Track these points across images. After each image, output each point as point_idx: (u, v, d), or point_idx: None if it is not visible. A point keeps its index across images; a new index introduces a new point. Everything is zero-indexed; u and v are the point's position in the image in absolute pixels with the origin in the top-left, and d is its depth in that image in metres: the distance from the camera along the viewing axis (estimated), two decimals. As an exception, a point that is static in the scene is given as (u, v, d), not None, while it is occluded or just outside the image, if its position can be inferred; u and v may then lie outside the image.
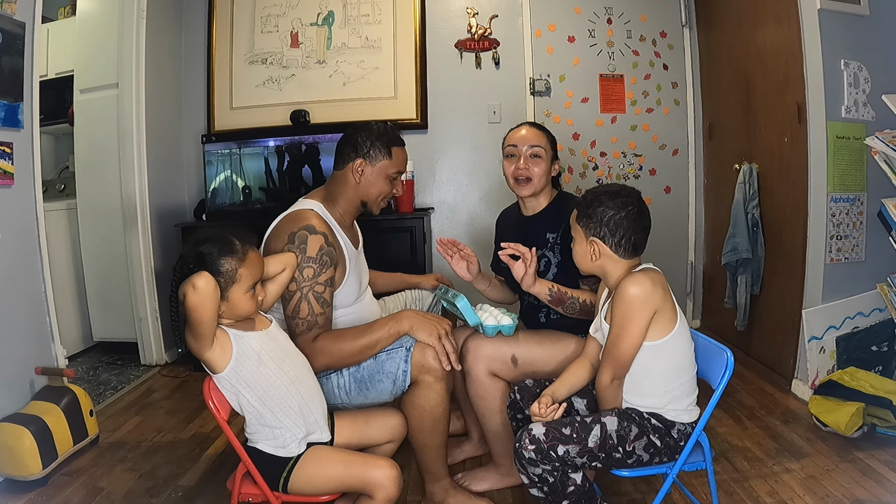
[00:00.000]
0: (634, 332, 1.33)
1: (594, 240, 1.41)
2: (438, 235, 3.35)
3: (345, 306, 1.71)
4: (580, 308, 1.67)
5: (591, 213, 1.41)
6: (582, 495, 1.35)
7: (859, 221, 2.38)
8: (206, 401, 1.33)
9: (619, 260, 1.41)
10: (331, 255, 1.57)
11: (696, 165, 3.43)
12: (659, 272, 1.39)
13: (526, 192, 1.83)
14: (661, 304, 1.34)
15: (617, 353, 1.35)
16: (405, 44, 3.29)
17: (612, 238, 1.39)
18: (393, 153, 1.71)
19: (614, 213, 1.39)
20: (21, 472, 1.87)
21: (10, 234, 2.06)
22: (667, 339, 1.36)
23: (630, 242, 1.40)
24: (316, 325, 1.54)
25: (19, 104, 2.08)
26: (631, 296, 1.32)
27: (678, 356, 1.38)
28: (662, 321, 1.35)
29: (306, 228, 1.55)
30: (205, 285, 1.23)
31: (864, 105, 2.33)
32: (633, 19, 3.34)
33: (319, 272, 1.54)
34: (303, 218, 1.58)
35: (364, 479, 1.34)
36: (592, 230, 1.41)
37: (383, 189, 1.72)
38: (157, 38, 3.10)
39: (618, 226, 1.39)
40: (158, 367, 3.07)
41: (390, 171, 1.72)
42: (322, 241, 1.55)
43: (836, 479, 1.78)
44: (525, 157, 1.81)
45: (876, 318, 2.40)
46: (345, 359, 1.55)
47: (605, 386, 1.39)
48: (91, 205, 3.20)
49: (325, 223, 1.62)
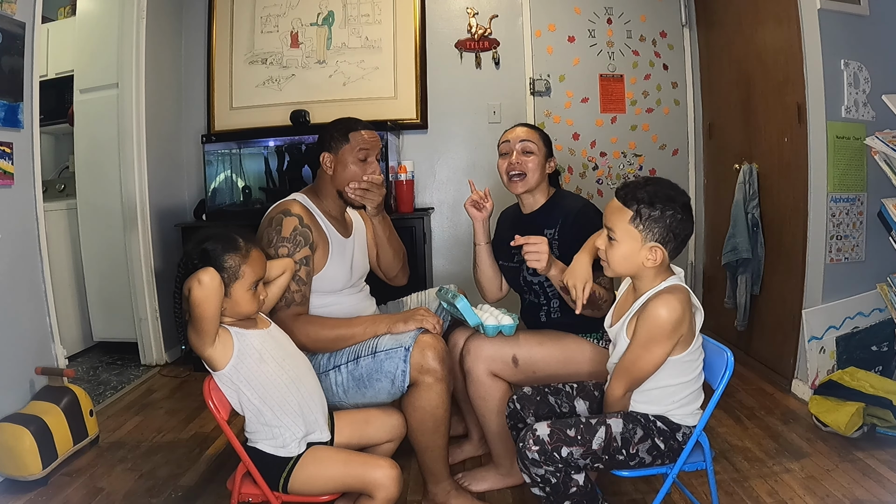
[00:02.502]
0: (659, 355, 1.29)
1: (657, 246, 1.28)
2: (438, 235, 3.36)
3: (333, 291, 1.73)
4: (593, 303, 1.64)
5: (657, 217, 1.27)
6: (584, 496, 1.34)
7: (859, 221, 2.38)
8: (206, 401, 1.33)
9: (665, 263, 1.31)
10: (305, 235, 1.64)
11: (696, 165, 3.43)
12: (686, 290, 1.32)
13: (520, 189, 1.82)
14: (687, 327, 1.30)
15: (635, 370, 1.32)
16: (405, 44, 3.29)
17: (674, 242, 1.28)
18: (351, 137, 1.76)
19: (682, 217, 1.27)
20: (21, 472, 1.87)
21: (10, 234, 2.05)
22: (684, 356, 1.33)
23: (682, 246, 1.31)
24: (294, 303, 1.60)
25: (19, 104, 2.07)
26: (662, 321, 1.25)
27: (692, 371, 1.37)
28: (683, 339, 1.32)
29: (282, 212, 1.66)
30: (210, 280, 1.25)
31: (864, 105, 2.33)
32: (633, 19, 3.34)
33: (294, 251, 1.61)
34: (281, 205, 1.70)
35: (364, 478, 1.34)
36: (658, 235, 1.27)
37: (354, 173, 1.75)
38: (157, 38, 3.10)
39: (682, 229, 1.28)
40: (158, 367, 3.07)
41: (354, 154, 1.75)
42: (296, 223, 1.64)
43: (836, 479, 1.78)
44: (517, 152, 1.81)
45: (876, 318, 2.40)
46: (319, 343, 1.61)
47: (616, 398, 1.37)
48: (91, 205, 3.20)
49: (305, 209, 1.71)
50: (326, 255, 1.72)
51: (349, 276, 1.80)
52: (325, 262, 1.72)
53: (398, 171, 3.05)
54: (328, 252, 1.73)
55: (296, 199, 1.74)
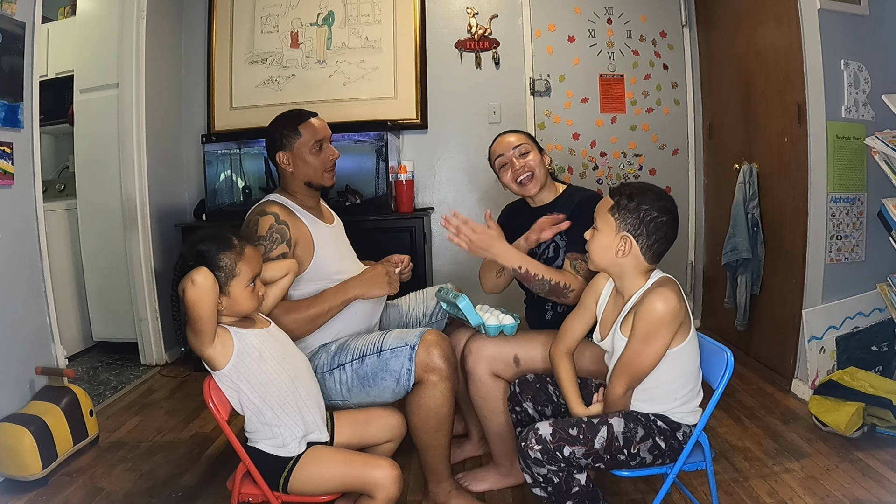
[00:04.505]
0: (659, 348, 1.31)
1: (627, 236, 1.34)
2: (438, 235, 3.36)
3: (323, 278, 1.73)
4: (549, 289, 1.65)
5: (632, 208, 1.34)
6: (586, 496, 1.34)
7: (859, 221, 2.38)
8: (206, 401, 1.33)
9: (640, 263, 1.36)
10: (282, 232, 1.65)
11: (696, 165, 3.43)
12: (676, 282, 1.36)
13: (534, 189, 1.84)
14: (683, 318, 1.32)
15: (636, 367, 1.33)
16: (405, 44, 3.29)
17: (647, 239, 1.34)
18: (301, 129, 1.76)
19: (657, 215, 1.33)
20: (21, 472, 1.87)
21: (10, 234, 2.05)
22: (681, 347, 1.35)
23: (658, 249, 1.36)
24: None
25: (19, 104, 2.07)
26: (660, 314, 1.28)
27: (689, 362, 1.38)
28: (680, 330, 1.33)
29: (257, 212, 1.68)
30: (203, 280, 1.25)
31: (864, 105, 2.33)
32: (633, 19, 3.34)
33: (271, 248, 1.62)
34: (257, 207, 1.73)
35: (364, 479, 1.34)
36: (629, 225, 1.34)
37: (316, 163, 1.77)
38: (157, 38, 3.10)
39: (657, 228, 1.33)
40: (158, 367, 3.07)
41: (310, 145, 1.76)
42: (272, 220, 1.65)
43: (836, 479, 1.78)
44: (515, 158, 1.83)
45: (876, 318, 2.40)
46: (299, 327, 1.61)
47: (617, 397, 1.37)
48: (91, 205, 3.20)
49: (281, 206, 1.72)
50: (311, 245, 1.72)
51: (341, 262, 1.80)
52: (313, 253, 1.72)
53: (398, 171, 3.05)
54: (312, 242, 1.72)
55: (271, 199, 1.76)
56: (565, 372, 1.49)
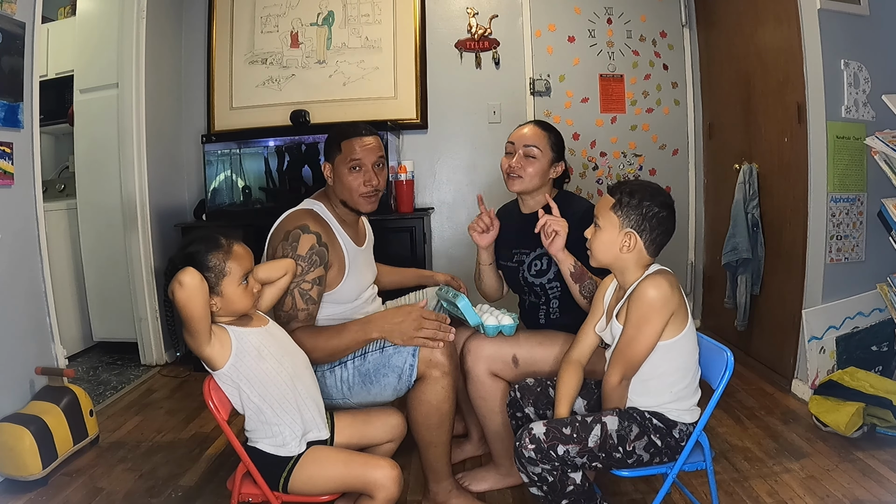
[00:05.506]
0: (651, 335, 1.33)
1: (632, 232, 1.38)
2: (438, 235, 3.36)
3: (344, 303, 1.73)
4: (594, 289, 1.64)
5: (634, 205, 1.38)
6: (581, 495, 1.35)
7: (859, 221, 2.38)
8: (206, 400, 1.33)
9: (643, 257, 1.40)
10: (321, 255, 1.61)
11: (696, 165, 3.43)
12: (672, 274, 1.39)
13: (515, 188, 1.82)
14: (676, 306, 1.34)
15: (630, 354, 1.35)
16: (405, 44, 3.29)
17: (650, 234, 1.38)
18: (343, 146, 1.71)
19: (658, 210, 1.38)
20: (21, 472, 1.87)
21: (10, 234, 2.05)
22: (678, 339, 1.36)
23: (660, 242, 1.40)
24: (295, 319, 1.59)
25: (19, 104, 2.07)
26: (651, 298, 1.32)
27: (686, 356, 1.39)
28: (675, 321, 1.35)
29: (300, 228, 1.61)
30: (190, 280, 1.25)
31: (864, 105, 2.33)
32: (633, 19, 3.34)
33: (308, 270, 1.58)
34: (299, 217, 1.65)
35: (364, 479, 1.34)
36: (633, 222, 1.38)
37: (351, 185, 1.70)
38: (157, 38, 3.10)
39: (659, 223, 1.38)
40: (158, 367, 3.07)
41: (346, 163, 1.71)
42: (314, 241, 1.60)
43: (836, 479, 1.78)
44: (519, 156, 1.81)
45: (876, 318, 2.40)
46: (316, 358, 1.56)
47: (613, 386, 1.38)
48: (91, 205, 3.20)
49: (323, 222, 1.68)
50: (343, 271, 1.70)
51: (360, 288, 1.79)
52: (342, 279, 1.70)
53: (398, 171, 3.05)
54: (345, 267, 1.70)
55: (313, 211, 1.69)
56: (566, 379, 1.48)
